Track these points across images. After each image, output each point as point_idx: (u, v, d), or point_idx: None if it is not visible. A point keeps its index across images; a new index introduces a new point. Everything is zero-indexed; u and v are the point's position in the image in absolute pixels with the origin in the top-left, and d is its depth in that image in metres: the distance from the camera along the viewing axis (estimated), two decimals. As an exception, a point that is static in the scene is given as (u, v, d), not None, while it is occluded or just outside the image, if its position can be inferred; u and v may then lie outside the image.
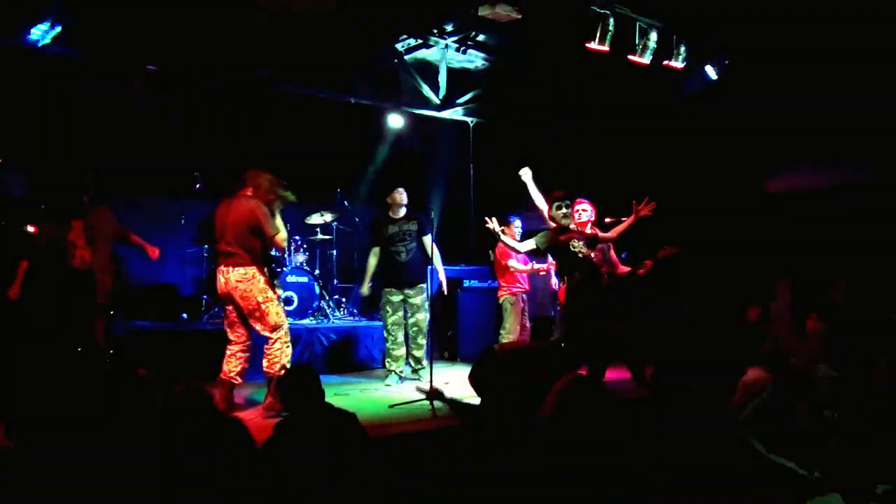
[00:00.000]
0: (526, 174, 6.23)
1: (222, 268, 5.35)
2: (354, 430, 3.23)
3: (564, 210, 5.89)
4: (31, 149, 7.03)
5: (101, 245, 6.07)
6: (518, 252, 6.53)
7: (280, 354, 5.39)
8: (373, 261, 6.94)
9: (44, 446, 3.08)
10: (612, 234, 6.30)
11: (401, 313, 6.91)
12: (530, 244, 6.08)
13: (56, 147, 7.14)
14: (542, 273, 7.40)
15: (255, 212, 5.33)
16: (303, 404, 3.21)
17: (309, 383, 3.25)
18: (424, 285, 6.87)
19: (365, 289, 7.09)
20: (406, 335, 6.98)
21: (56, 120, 7.13)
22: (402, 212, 6.89)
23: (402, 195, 6.90)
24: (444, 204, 9.62)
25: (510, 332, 7.25)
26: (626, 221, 6.11)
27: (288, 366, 5.35)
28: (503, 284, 7.39)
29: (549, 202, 5.99)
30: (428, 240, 6.76)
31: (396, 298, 6.87)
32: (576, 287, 5.89)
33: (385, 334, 6.97)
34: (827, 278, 6.63)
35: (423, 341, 6.90)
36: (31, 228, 6.27)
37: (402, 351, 6.90)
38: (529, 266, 7.24)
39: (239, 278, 5.29)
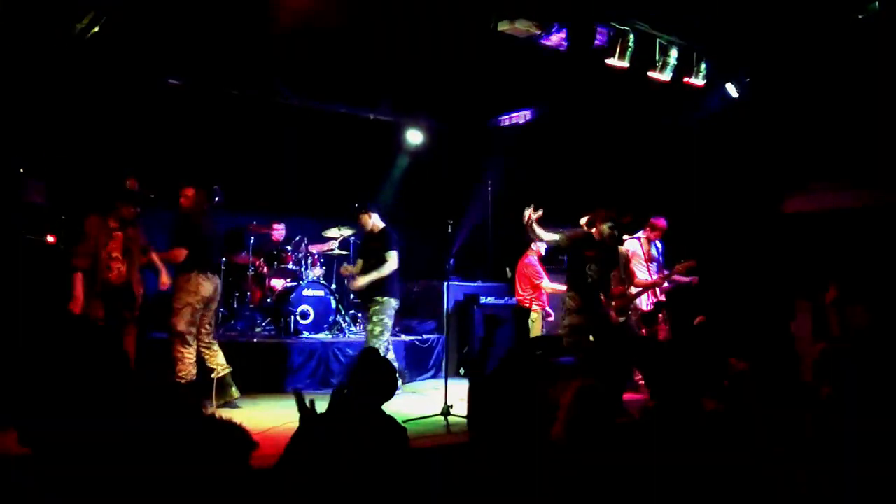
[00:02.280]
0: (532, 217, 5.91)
1: (210, 275, 6.19)
2: (399, 442, 3.04)
3: (616, 233, 5.94)
4: (53, 160, 7.10)
5: (136, 258, 5.91)
6: (542, 240, 6.47)
7: None
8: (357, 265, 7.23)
9: (60, 454, 3.05)
10: (639, 286, 6.78)
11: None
12: (555, 237, 6.06)
13: (75, 159, 7.22)
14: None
15: None
16: (369, 386, 3.09)
17: (385, 369, 3.20)
18: (378, 298, 6.78)
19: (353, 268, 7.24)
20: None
21: (76, 132, 7.21)
22: (376, 230, 6.98)
23: (364, 220, 7.00)
24: (462, 220, 9.59)
25: None
26: (657, 279, 6.85)
27: None
28: (529, 298, 7.45)
29: (602, 217, 5.91)
30: (389, 254, 6.81)
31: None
32: (575, 308, 5.87)
33: None
34: (847, 300, 6.55)
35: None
36: (50, 238, 6.31)
37: None
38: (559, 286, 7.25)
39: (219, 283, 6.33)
